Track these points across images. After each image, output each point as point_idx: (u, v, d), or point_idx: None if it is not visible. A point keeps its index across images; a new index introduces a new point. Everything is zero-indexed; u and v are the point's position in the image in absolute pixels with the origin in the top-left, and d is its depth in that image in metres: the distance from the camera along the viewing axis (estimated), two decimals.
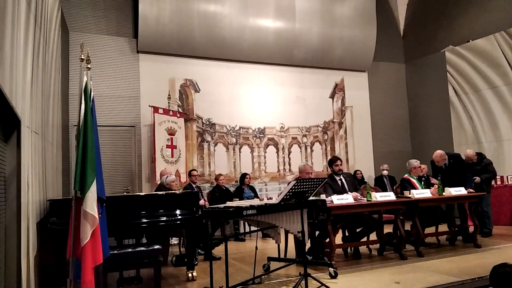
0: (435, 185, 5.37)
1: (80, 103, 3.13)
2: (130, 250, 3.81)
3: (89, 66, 3.26)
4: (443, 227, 5.86)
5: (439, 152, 5.87)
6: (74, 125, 6.44)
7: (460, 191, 5.35)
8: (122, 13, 7.55)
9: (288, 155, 8.81)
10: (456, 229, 5.61)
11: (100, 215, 3.05)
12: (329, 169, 8.82)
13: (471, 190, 5.54)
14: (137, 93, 7.43)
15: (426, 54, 9.61)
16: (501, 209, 7.12)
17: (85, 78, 3.17)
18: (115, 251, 3.69)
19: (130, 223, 4.01)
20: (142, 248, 3.86)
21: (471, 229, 5.54)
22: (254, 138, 8.48)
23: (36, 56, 3.66)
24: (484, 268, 3.86)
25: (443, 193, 5.24)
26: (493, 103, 8.11)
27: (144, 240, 4.90)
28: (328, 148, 9.23)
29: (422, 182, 5.71)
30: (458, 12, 8.90)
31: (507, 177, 7.36)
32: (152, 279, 4.04)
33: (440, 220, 5.75)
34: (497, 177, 7.01)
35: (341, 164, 5.19)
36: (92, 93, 3.23)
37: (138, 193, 6.63)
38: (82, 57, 3.22)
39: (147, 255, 3.84)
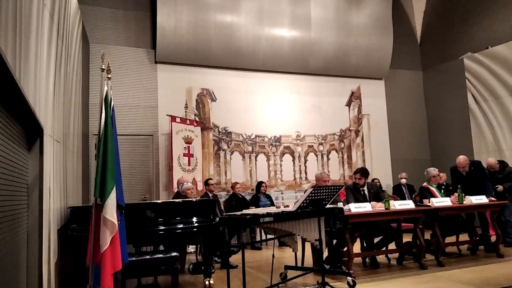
0: (455, 193, 5.26)
1: (101, 112, 3.21)
2: (148, 257, 3.85)
3: (109, 76, 3.34)
4: (464, 237, 5.72)
5: (462, 157, 5.76)
6: (94, 134, 6.58)
7: (481, 199, 5.24)
8: (141, 25, 7.72)
9: (304, 163, 8.78)
10: (478, 238, 5.48)
11: (119, 222, 3.11)
12: (346, 177, 8.90)
13: (493, 198, 5.41)
14: (155, 102, 7.54)
15: (444, 61, 9.49)
16: None
17: (105, 88, 3.26)
18: (133, 258, 3.73)
19: (147, 230, 4.04)
20: (160, 255, 3.90)
21: (493, 238, 5.40)
22: (270, 147, 8.49)
23: (58, 67, 3.77)
24: (507, 278, 3.76)
25: (464, 202, 5.13)
26: None
27: (162, 248, 4.94)
28: (345, 157, 9.17)
29: (442, 191, 5.61)
30: (476, 19, 8.79)
31: None
32: (170, 286, 4.08)
33: (461, 229, 5.63)
34: None
35: (360, 179, 5.09)
36: (112, 102, 3.32)
37: (155, 201, 6.71)
38: (103, 67, 3.30)
39: (165, 262, 3.87)
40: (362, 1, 9.02)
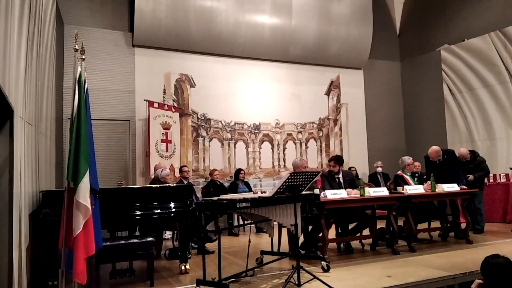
0: (428, 181, 5.40)
1: (74, 94, 3.12)
2: (123, 242, 3.82)
3: (83, 57, 3.25)
4: (436, 223, 5.90)
5: (434, 148, 5.90)
6: (68, 118, 6.41)
7: (453, 187, 5.40)
8: (118, 7, 7.52)
9: (283, 151, 8.83)
10: (449, 225, 5.66)
11: (93, 206, 3.06)
12: (324, 166, 9.00)
13: (464, 187, 5.58)
14: (132, 87, 7.40)
15: (422, 53, 9.64)
16: (493, 206, 7.18)
17: (79, 69, 3.17)
18: (108, 243, 3.69)
19: (123, 215, 4.01)
20: (135, 240, 3.87)
21: (463, 225, 5.59)
22: (249, 134, 8.49)
23: (30, 47, 3.64)
24: (475, 263, 3.89)
25: (436, 189, 5.28)
26: (487, 101, 8.16)
27: (138, 233, 4.90)
28: (323, 145, 9.26)
29: (415, 179, 5.75)
30: (454, 11, 8.93)
31: (499, 175, 7.42)
32: (145, 272, 4.06)
33: (432, 216, 5.80)
34: (490, 175, 7.06)
35: (333, 166, 5.19)
36: (86, 84, 3.23)
37: (132, 186, 6.64)
38: (76, 48, 3.21)
39: (140, 247, 3.85)
40: None
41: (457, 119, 8.74)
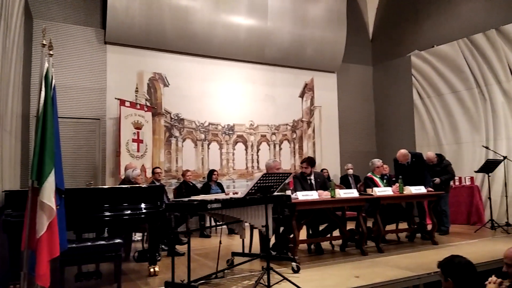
0: (397, 184, 5.54)
1: (40, 91, 3.03)
2: (89, 243, 3.71)
3: (51, 52, 3.15)
4: (403, 225, 6.05)
5: (402, 151, 6.06)
6: (35, 116, 6.22)
7: (420, 189, 5.55)
8: (90, 3, 7.34)
9: (257, 152, 8.85)
10: (415, 226, 5.81)
11: (58, 207, 2.97)
12: (297, 167, 9.08)
13: (430, 189, 5.75)
14: (103, 85, 7.24)
15: (393, 58, 9.88)
16: (458, 208, 7.42)
17: (46, 65, 3.07)
18: (74, 245, 3.58)
19: (92, 216, 3.91)
20: (102, 242, 3.78)
21: (429, 227, 5.75)
22: (223, 135, 8.46)
23: None
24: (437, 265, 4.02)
25: (404, 191, 5.41)
26: (454, 107, 8.44)
27: (106, 234, 4.80)
28: (297, 147, 9.33)
29: (385, 181, 5.88)
30: (424, 18, 9.20)
31: (464, 178, 7.68)
32: (112, 274, 3.97)
33: (400, 217, 5.94)
34: (456, 178, 7.31)
35: (305, 168, 5.24)
36: (53, 81, 3.13)
37: (101, 186, 6.49)
38: (44, 43, 3.11)
39: (108, 249, 3.75)
40: None
41: (426, 123, 9.00)
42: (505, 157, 6.84)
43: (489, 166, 6.76)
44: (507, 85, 7.50)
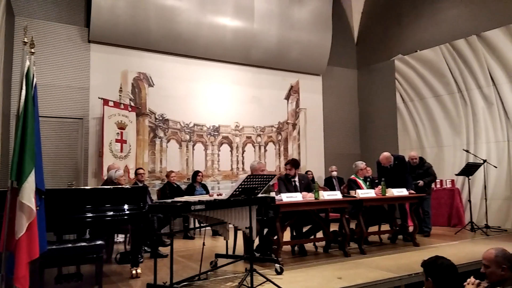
0: (379, 186, 5.61)
1: (21, 89, 2.98)
2: (70, 245, 3.66)
3: (32, 50, 3.10)
4: (386, 227, 6.13)
5: (385, 154, 6.15)
6: (16, 115, 6.10)
7: (402, 192, 5.63)
8: (74, 0, 7.24)
9: (242, 154, 8.85)
10: (397, 228, 5.90)
11: (38, 208, 2.92)
12: (282, 169, 9.11)
13: (412, 191, 5.84)
14: (86, 84, 7.14)
15: (377, 62, 10.01)
16: (439, 211, 7.55)
17: (27, 63, 3.02)
18: (54, 246, 3.53)
19: (73, 217, 3.85)
20: (84, 244, 3.73)
21: (411, 228, 5.84)
22: (208, 136, 8.43)
23: None
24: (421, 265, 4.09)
25: (386, 194, 5.49)
26: (436, 111, 8.59)
27: (87, 236, 4.72)
28: (282, 149, 9.37)
29: (368, 183, 5.95)
30: (408, 24, 9.35)
31: (445, 180, 7.82)
32: (94, 276, 3.92)
33: (382, 219, 6.02)
34: (437, 180, 7.44)
35: (289, 169, 5.27)
36: (34, 80, 3.08)
37: (83, 187, 6.39)
38: (26, 41, 3.06)
39: (89, 251, 3.71)
40: None
41: (408, 126, 9.14)
42: (484, 161, 6.99)
43: (469, 169, 6.91)
44: (488, 90, 7.68)
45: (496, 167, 7.22)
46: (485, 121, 7.72)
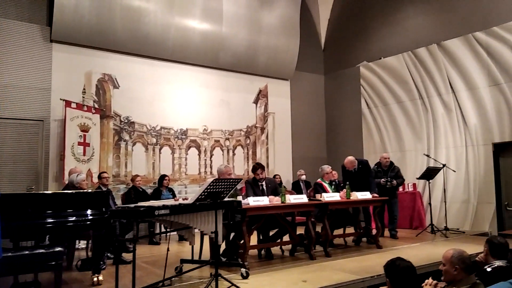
0: (344, 189, 5.72)
1: None
2: (27, 252, 3.51)
3: None
4: (350, 229, 6.25)
5: (350, 158, 6.29)
6: None
7: (366, 195, 5.77)
8: None
9: (210, 157, 8.79)
10: (361, 231, 6.03)
11: None
12: (250, 173, 9.10)
13: (375, 195, 6.00)
14: (48, 85, 6.88)
15: (343, 68, 10.24)
16: (402, 213, 7.74)
17: None
18: (10, 253, 3.37)
19: (32, 223, 3.68)
20: (42, 250, 3.58)
21: (374, 231, 5.98)
22: (176, 139, 8.33)
23: None
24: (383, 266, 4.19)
25: (351, 197, 5.60)
26: (399, 116, 8.88)
27: (47, 242, 4.54)
28: (250, 152, 9.38)
29: (333, 186, 6.06)
30: (373, 31, 9.62)
31: (408, 184, 8.07)
32: (52, 284, 3.77)
33: (347, 222, 6.14)
34: None
35: (261, 173, 5.29)
36: None
37: (43, 192, 6.15)
38: None
39: (47, 258, 3.57)
40: (273, 1, 9.30)
41: (373, 131, 9.39)
42: (444, 165, 7.28)
43: (429, 173, 7.17)
44: (447, 97, 8.01)
45: (454, 171, 7.53)
46: (444, 127, 8.05)
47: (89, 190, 4.86)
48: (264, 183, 5.33)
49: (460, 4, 7.93)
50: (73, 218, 3.90)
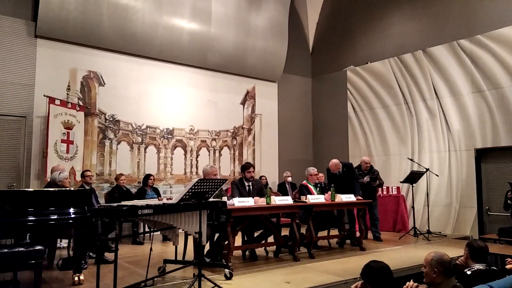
0: (329, 192, 5.76)
1: None
2: (6, 250, 3.43)
3: None
4: (335, 231, 6.29)
5: (334, 161, 6.33)
6: None
7: (350, 197, 5.82)
8: None
9: (196, 158, 8.75)
10: (345, 233, 6.07)
11: None
12: (236, 174, 9.09)
13: (360, 197, 6.05)
14: (31, 81, 6.77)
15: (330, 71, 10.32)
16: (385, 216, 7.86)
17: None
18: None
19: (12, 220, 3.60)
20: (21, 249, 3.51)
21: (358, 233, 6.03)
22: (162, 139, 8.27)
23: None
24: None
25: (335, 199, 5.64)
26: (384, 121, 8.98)
27: (27, 240, 4.45)
28: (237, 153, 9.37)
29: (318, 189, 6.09)
30: (360, 36, 9.72)
31: (391, 187, 8.17)
32: (32, 283, 3.69)
33: (332, 224, 6.18)
34: (384, 187, 7.78)
35: (253, 172, 5.30)
36: None
37: (25, 189, 6.03)
38: None
39: (27, 257, 3.50)
40: (262, 3, 9.32)
41: (358, 134, 9.48)
42: (427, 169, 7.39)
43: (413, 177, 7.26)
44: (431, 103, 8.14)
45: (437, 176, 7.64)
46: (428, 132, 8.17)
47: (72, 189, 4.78)
48: (250, 183, 5.32)
49: (445, 12, 8.07)
50: (55, 217, 3.83)
